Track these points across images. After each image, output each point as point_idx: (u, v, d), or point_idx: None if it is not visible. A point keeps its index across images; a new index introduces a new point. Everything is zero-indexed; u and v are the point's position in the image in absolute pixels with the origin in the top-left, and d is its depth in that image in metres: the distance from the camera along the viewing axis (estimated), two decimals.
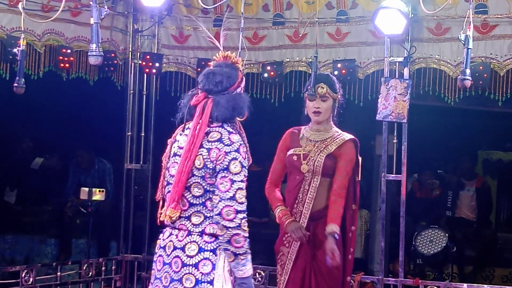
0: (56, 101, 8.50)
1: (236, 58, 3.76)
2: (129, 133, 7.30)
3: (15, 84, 5.02)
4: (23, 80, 5.04)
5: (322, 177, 4.66)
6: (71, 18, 6.64)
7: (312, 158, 4.67)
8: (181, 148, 3.67)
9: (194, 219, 3.59)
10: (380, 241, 6.49)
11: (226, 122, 3.62)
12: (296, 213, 4.69)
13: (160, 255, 3.67)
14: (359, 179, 4.85)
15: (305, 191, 4.68)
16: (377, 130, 6.77)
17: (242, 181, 3.53)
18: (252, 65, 6.88)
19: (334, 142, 4.70)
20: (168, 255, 3.62)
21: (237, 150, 3.54)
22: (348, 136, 4.74)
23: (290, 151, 4.75)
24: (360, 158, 4.82)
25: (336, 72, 6.40)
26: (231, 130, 3.61)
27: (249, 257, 3.55)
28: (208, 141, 3.58)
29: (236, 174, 3.51)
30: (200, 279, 3.54)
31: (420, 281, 6.38)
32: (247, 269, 3.55)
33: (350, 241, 4.74)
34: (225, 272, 3.57)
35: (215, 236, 3.55)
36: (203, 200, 3.58)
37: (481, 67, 6.05)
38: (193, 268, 3.55)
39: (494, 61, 6.08)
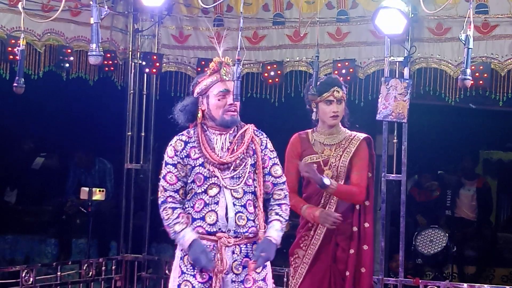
0: (56, 101, 8.49)
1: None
2: (129, 133, 7.30)
3: (15, 84, 5.01)
4: (23, 80, 5.03)
5: (345, 180, 4.67)
6: (71, 18, 6.64)
7: (334, 163, 4.66)
8: None
9: None
10: (380, 241, 6.49)
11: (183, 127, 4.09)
12: None
13: None
14: (371, 175, 4.83)
15: (327, 196, 4.68)
16: (377, 130, 6.76)
17: (163, 177, 3.98)
18: (252, 65, 6.88)
19: (351, 143, 4.70)
20: None
21: (166, 151, 4.02)
22: (362, 135, 4.74)
23: (306, 159, 4.70)
24: (374, 154, 4.82)
25: (336, 72, 6.40)
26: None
27: (180, 234, 3.90)
28: None
29: None
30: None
31: (420, 281, 6.38)
32: (185, 244, 3.91)
33: (355, 236, 4.69)
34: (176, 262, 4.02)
35: None
36: None
37: (481, 67, 6.05)
38: None
39: (495, 61, 6.08)
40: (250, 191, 3.99)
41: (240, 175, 3.96)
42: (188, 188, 3.98)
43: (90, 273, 6.84)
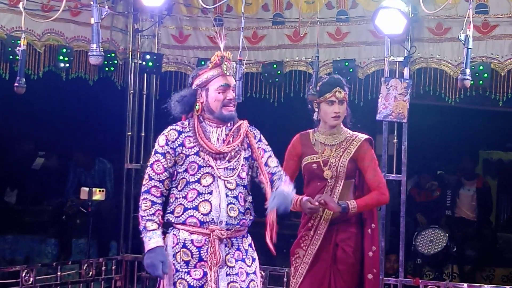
0: (56, 101, 8.50)
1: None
2: (129, 133, 7.30)
3: (16, 84, 5.02)
4: (24, 80, 5.04)
5: (345, 180, 4.67)
6: (71, 18, 6.64)
7: (334, 163, 4.65)
8: None
9: None
10: (380, 241, 6.48)
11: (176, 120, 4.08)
12: (315, 218, 4.68)
13: None
14: None
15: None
16: (377, 130, 6.77)
17: (150, 165, 3.98)
18: (251, 64, 6.88)
19: (351, 144, 4.69)
20: None
21: (157, 140, 4.03)
22: (363, 136, 4.74)
23: (306, 159, 4.70)
24: None
25: (336, 72, 6.40)
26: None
27: (148, 234, 3.91)
28: None
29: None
30: None
31: (420, 281, 6.38)
32: (146, 245, 3.92)
33: (369, 237, 4.71)
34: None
35: (169, 224, 3.99)
36: None
37: (481, 67, 6.05)
38: None
39: (495, 61, 6.08)
40: (242, 184, 3.99)
41: (234, 167, 3.96)
42: (179, 178, 3.96)
43: (90, 273, 6.83)
